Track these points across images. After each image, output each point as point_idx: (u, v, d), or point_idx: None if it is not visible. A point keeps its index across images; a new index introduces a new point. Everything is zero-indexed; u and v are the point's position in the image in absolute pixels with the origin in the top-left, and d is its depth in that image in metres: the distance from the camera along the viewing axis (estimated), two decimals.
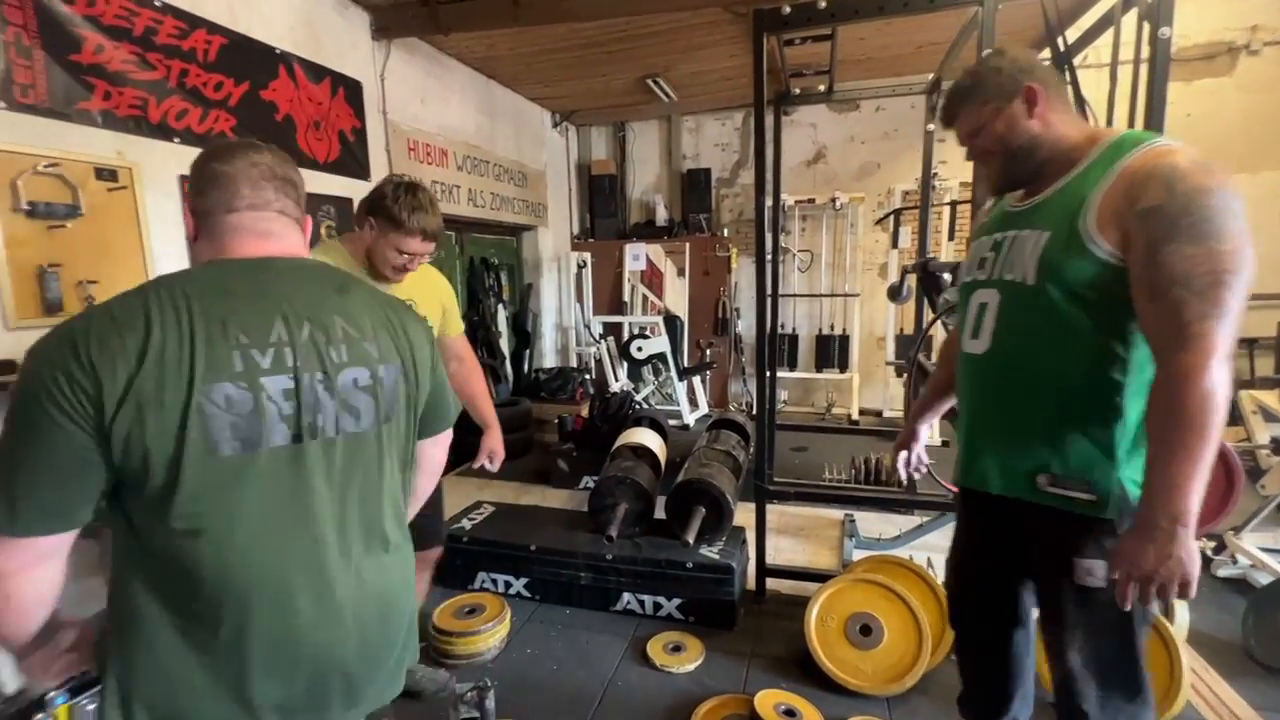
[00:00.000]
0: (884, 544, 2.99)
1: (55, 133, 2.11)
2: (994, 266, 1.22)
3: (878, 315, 5.91)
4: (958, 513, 1.45)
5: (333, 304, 0.89)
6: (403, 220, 1.51)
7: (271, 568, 0.82)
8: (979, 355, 1.24)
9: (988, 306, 1.22)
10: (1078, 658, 1.18)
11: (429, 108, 4.08)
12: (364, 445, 0.90)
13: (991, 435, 1.25)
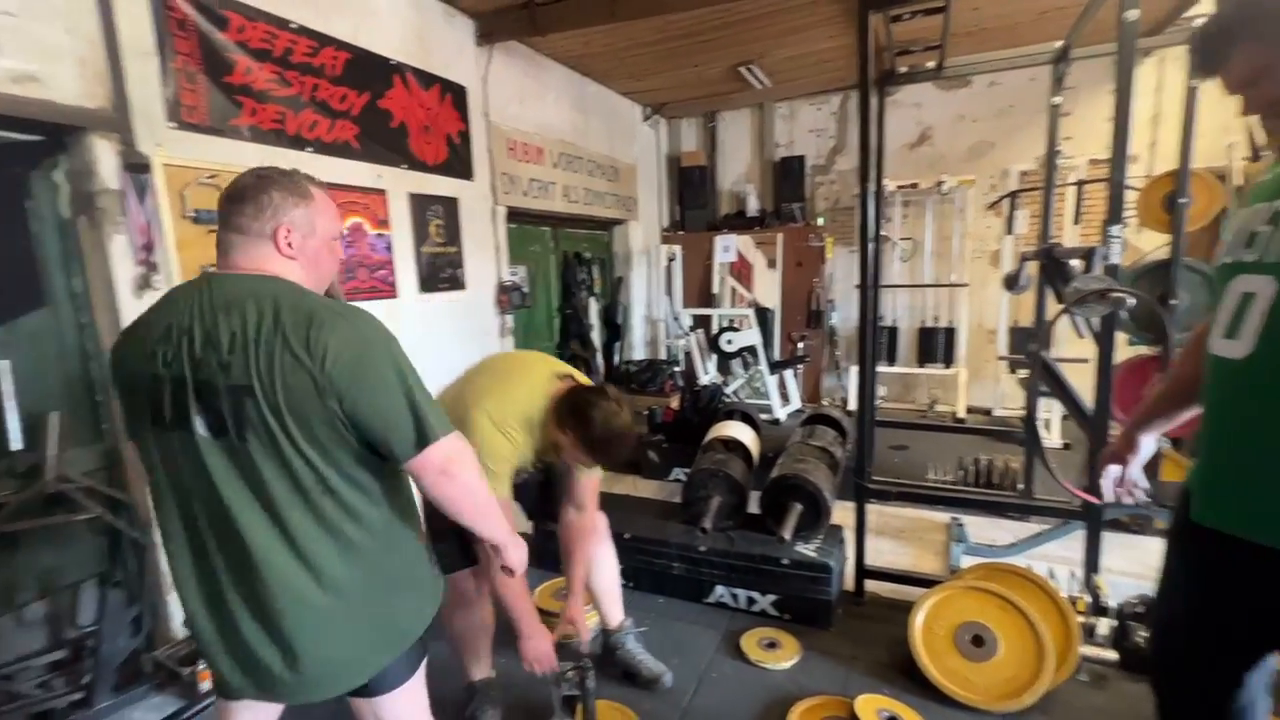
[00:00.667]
0: (996, 551, 2.79)
1: (213, 147, 2.37)
2: (1269, 244, 0.93)
3: (988, 306, 5.50)
4: (1176, 551, 1.16)
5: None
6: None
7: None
8: (1237, 361, 0.96)
9: (1255, 298, 0.94)
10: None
11: (527, 107, 4.22)
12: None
13: (1247, 465, 0.97)
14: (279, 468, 1.02)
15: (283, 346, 0.99)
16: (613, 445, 1.56)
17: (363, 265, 2.99)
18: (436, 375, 3.37)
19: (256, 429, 1.00)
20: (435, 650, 2.32)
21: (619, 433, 1.55)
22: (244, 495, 1.03)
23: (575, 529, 1.86)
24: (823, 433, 3.23)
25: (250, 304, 1.02)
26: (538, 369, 1.71)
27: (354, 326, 1.05)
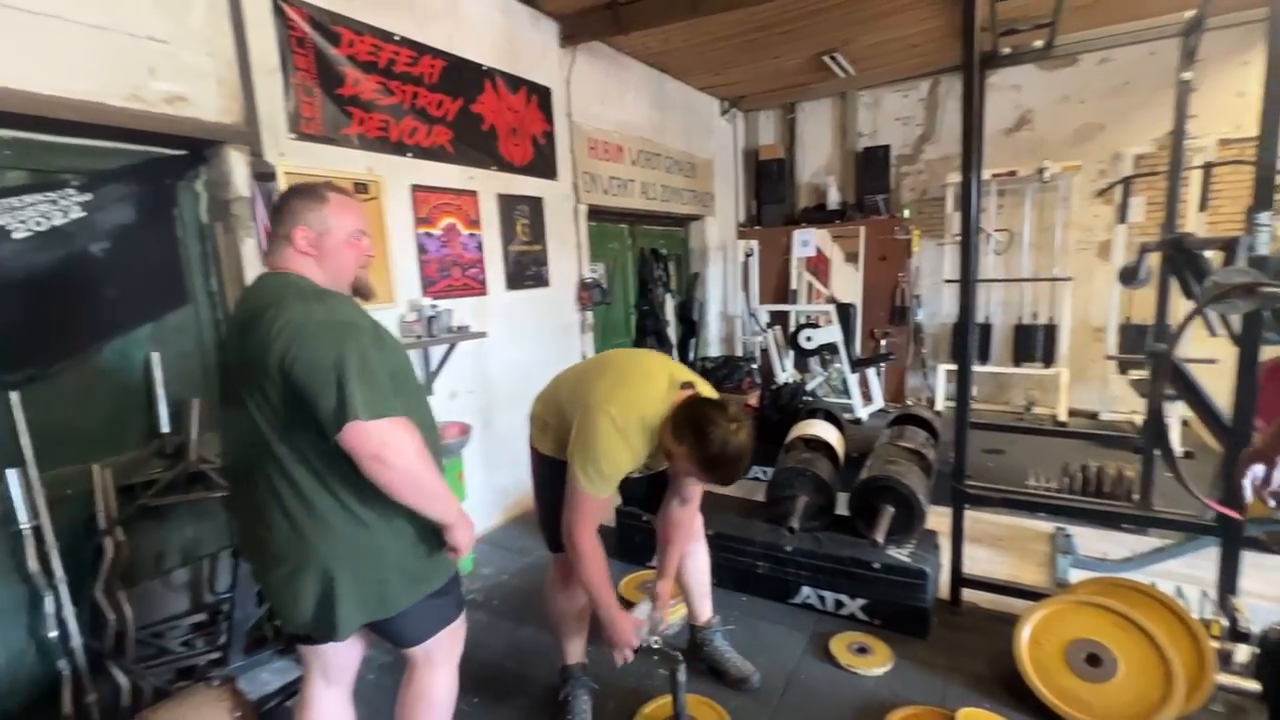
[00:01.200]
0: (1109, 565, 2.59)
1: (326, 156, 2.55)
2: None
3: (1094, 302, 5.10)
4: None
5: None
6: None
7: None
8: None
9: None
10: None
11: (607, 107, 4.28)
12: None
13: None
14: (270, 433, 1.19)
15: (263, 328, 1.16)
16: (726, 466, 1.49)
17: (456, 264, 3.13)
18: (521, 369, 3.51)
19: (254, 398, 1.18)
20: (527, 633, 2.42)
21: (735, 454, 1.48)
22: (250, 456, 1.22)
23: (676, 521, 1.85)
24: (913, 433, 3.11)
25: (265, 296, 1.22)
26: (660, 374, 1.65)
27: (306, 310, 1.17)
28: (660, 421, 1.56)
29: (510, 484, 3.58)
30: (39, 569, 1.87)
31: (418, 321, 2.83)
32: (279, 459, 1.19)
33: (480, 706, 2.03)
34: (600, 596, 1.65)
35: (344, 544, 1.22)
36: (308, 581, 1.22)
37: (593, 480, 1.54)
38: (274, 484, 1.20)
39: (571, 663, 1.97)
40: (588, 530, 1.59)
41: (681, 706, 1.75)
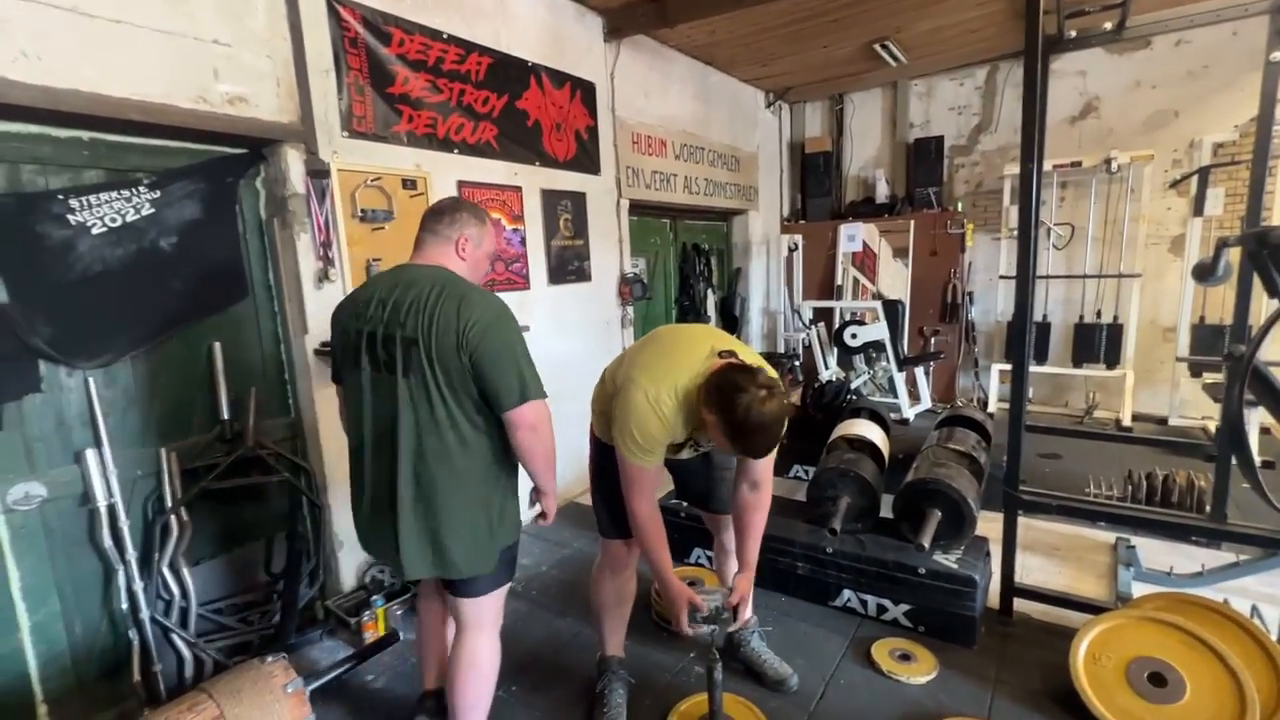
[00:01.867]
0: (1177, 580, 2.45)
1: (377, 153, 2.62)
2: None
3: (1164, 300, 4.82)
4: None
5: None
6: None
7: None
8: None
9: None
10: None
11: (651, 101, 4.26)
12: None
13: None
14: (425, 401, 1.44)
15: (441, 314, 1.41)
16: (752, 435, 1.42)
17: (500, 259, 3.18)
18: (562, 363, 3.54)
19: (415, 370, 1.43)
20: (565, 623, 2.45)
21: (761, 423, 1.40)
22: (402, 418, 1.44)
23: (747, 505, 1.79)
24: (963, 435, 3.00)
25: (426, 284, 1.47)
26: (701, 343, 1.62)
27: (489, 307, 1.46)
28: (695, 390, 1.53)
29: None
30: (112, 544, 1.99)
31: None
32: (457, 426, 1.45)
33: (517, 694, 2.07)
34: (656, 562, 1.69)
35: (492, 495, 1.53)
36: (465, 532, 1.49)
37: (631, 450, 1.59)
38: (448, 446, 1.45)
39: (610, 654, 1.98)
40: (640, 498, 1.64)
41: (718, 705, 1.74)
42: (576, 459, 3.78)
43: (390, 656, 2.29)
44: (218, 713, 1.46)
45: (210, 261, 2.25)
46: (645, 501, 1.65)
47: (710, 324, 5.22)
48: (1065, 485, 3.52)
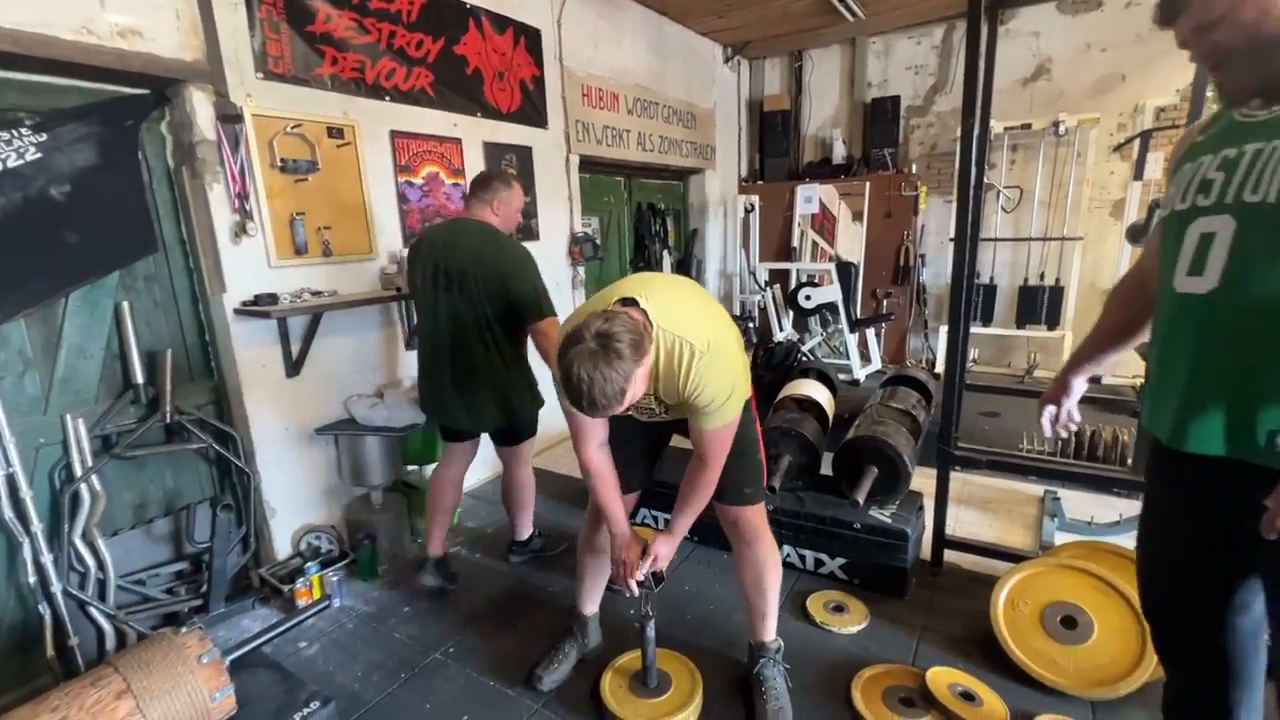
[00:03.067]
0: (1097, 529, 2.57)
1: (298, 98, 2.44)
2: (1226, 189, 1.01)
3: (1104, 263, 4.95)
4: (1153, 482, 1.24)
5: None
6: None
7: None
8: (1201, 295, 1.03)
9: (1216, 237, 1.01)
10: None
11: (602, 51, 4.08)
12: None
13: (1220, 388, 1.04)
14: (470, 312, 2.11)
15: (485, 253, 2.10)
16: (576, 395, 1.24)
17: (440, 215, 3.04)
18: None
19: (466, 290, 2.09)
20: (511, 581, 2.43)
21: (580, 382, 1.21)
22: (453, 324, 2.14)
23: (688, 478, 1.59)
24: (905, 395, 3.06)
25: (474, 232, 2.16)
26: (619, 290, 1.45)
27: (519, 250, 2.15)
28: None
29: None
30: (14, 516, 1.87)
31: (397, 274, 2.76)
32: (491, 329, 2.12)
33: (468, 646, 2.06)
34: (606, 513, 1.66)
35: (510, 377, 2.20)
36: (492, 398, 2.19)
37: (564, 401, 1.49)
38: (485, 342, 2.13)
39: (583, 612, 1.98)
40: (584, 446, 1.59)
41: (650, 661, 1.76)
42: None
43: (325, 622, 2.25)
44: (123, 686, 1.40)
45: (110, 212, 2.07)
46: (589, 448, 1.60)
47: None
48: (1002, 441, 3.64)
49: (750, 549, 1.73)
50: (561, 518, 3.00)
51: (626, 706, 1.73)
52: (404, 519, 2.71)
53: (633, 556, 1.66)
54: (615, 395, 1.23)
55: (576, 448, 1.62)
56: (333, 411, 2.63)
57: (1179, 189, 1.10)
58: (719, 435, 1.49)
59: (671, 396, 1.46)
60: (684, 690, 1.79)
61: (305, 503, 2.60)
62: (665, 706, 1.74)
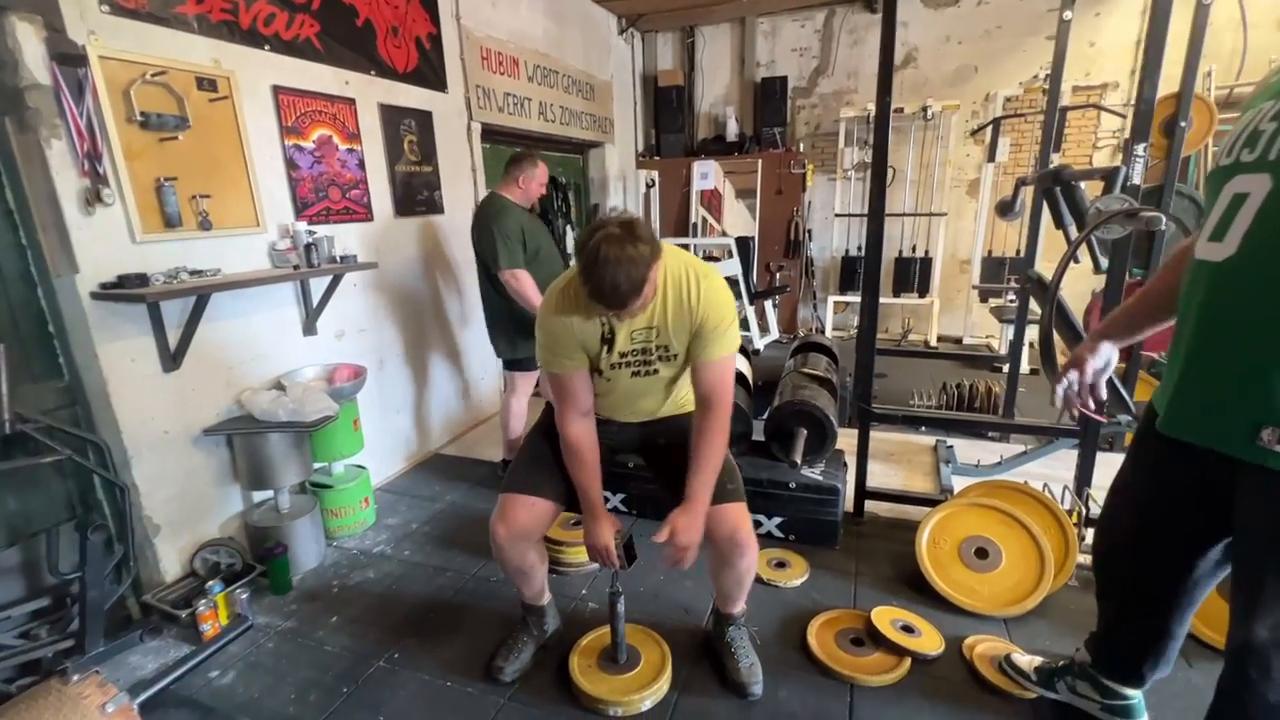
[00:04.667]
0: (984, 470, 2.91)
1: (157, 39, 2.05)
2: (1273, 143, 0.88)
3: (963, 236, 5.57)
4: (1135, 449, 1.27)
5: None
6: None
7: None
8: (1218, 264, 0.95)
9: (1248, 198, 0.91)
10: (1266, 634, 1.01)
11: (500, 12, 3.85)
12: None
13: (1212, 370, 0.99)
14: (480, 263, 2.70)
15: (481, 214, 2.68)
16: (596, 271, 1.25)
17: (335, 184, 2.73)
18: (415, 305, 3.24)
19: (476, 247, 2.69)
20: (446, 579, 2.29)
21: (603, 256, 1.24)
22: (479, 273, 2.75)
23: (697, 429, 1.51)
24: (816, 360, 3.24)
25: (484, 200, 2.73)
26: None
27: (499, 209, 2.64)
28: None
29: (410, 428, 3.34)
30: None
31: (292, 250, 2.45)
32: (488, 278, 2.69)
33: (402, 660, 1.91)
34: (583, 494, 1.61)
35: (497, 318, 2.77)
36: (491, 333, 2.85)
37: (542, 357, 1.56)
38: (484, 289, 2.75)
39: (538, 603, 1.88)
40: (567, 416, 1.58)
41: (620, 638, 1.75)
42: (439, 407, 3.53)
43: (238, 646, 1.99)
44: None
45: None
46: (572, 416, 1.58)
47: (571, 262, 5.06)
48: (893, 399, 4.02)
49: (742, 558, 1.63)
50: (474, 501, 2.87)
51: (601, 685, 1.71)
52: (318, 522, 2.45)
53: (609, 535, 1.61)
54: (638, 281, 1.27)
55: (558, 414, 1.59)
56: (224, 408, 2.30)
57: (1230, 140, 0.97)
58: (726, 365, 1.51)
59: (681, 326, 1.48)
60: (654, 662, 1.80)
61: (196, 515, 2.27)
62: (639, 680, 1.74)
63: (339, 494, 2.58)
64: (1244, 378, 0.95)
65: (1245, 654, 1.04)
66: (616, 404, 1.69)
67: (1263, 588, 1.01)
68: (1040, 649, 1.82)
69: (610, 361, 1.56)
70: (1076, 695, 1.53)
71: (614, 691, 1.69)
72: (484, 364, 3.95)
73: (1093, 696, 1.50)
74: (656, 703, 1.70)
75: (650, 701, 1.69)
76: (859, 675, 1.75)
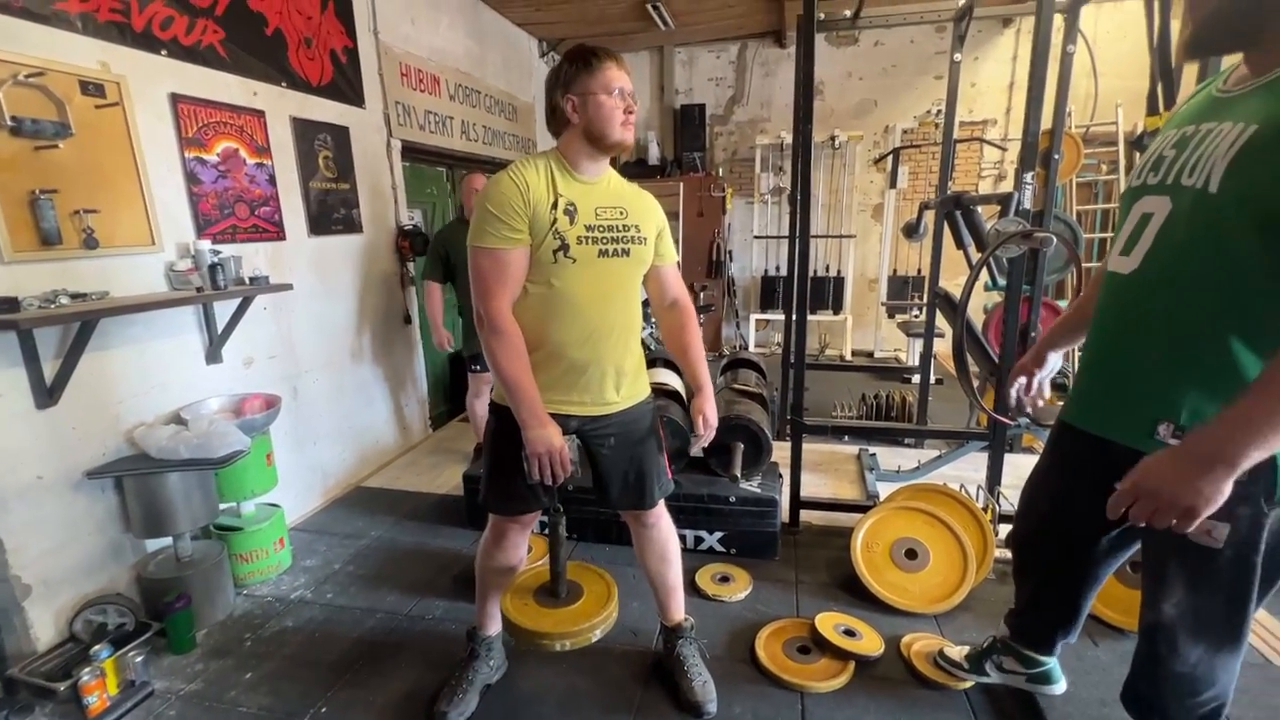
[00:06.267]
0: (905, 475, 3.08)
1: (31, 37, 1.84)
2: (1172, 168, 0.97)
3: (870, 257, 5.95)
4: (1051, 443, 1.37)
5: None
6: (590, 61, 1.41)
7: None
8: (1124, 276, 1.06)
9: (1151, 218, 1.00)
10: (1172, 611, 1.11)
11: (420, 29, 3.76)
12: None
13: (1116, 371, 1.11)
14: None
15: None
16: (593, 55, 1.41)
17: (242, 200, 2.54)
18: (333, 329, 3.07)
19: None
20: (377, 620, 2.14)
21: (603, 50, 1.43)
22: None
23: (678, 327, 1.63)
24: (746, 375, 3.34)
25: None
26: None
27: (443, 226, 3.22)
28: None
29: (330, 459, 3.12)
30: None
31: (194, 271, 2.25)
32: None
33: (330, 713, 1.75)
34: (516, 389, 1.36)
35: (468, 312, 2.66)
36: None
37: (482, 232, 1.33)
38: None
39: (486, 633, 1.78)
40: (496, 296, 1.36)
41: (561, 567, 1.65)
42: (361, 436, 3.32)
43: (136, 718, 1.75)
44: None
45: None
46: (502, 299, 1.36)
47: None
48: (818, 411, 4.19)
49: (655, 529, 1.72)
50: (402, 535, 2.72)
51: (544, 619, 1.59)
52: (225, 568, 2.23)
53: (558, 437, 1.39)
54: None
55: (486, 298, 1.35)
56: (112, 447, 2.06)
57: (1141, 163, 1.06)
58: (679, 273, 1.65)
59: (645, 214, 1.52)
60: (599, 594, 1.71)
61: (78, 570, 1.99)
62: (584, 612, 1.63)
63: (249, 536, 2.35)
64: (1143, 378, 1.05)
65: (1155, 631, 1.15)
66: (580, 313, 1.42)
67: (1166, 570, 1.12)
68: (968, 640, 1.93)
69: (576, 234, 1.37)
70: (1003, 672, 1.66)
71: (559, 624, 1.58)
72: (409, 388, 3.77)
73: (1017, 670, 1.63)
74: (607, 632, 1.60)
75: (600, 631, 1.59)
76: (808, 683, 1.79)
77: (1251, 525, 1.00)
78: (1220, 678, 1.13)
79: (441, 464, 3.55)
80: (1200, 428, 0.92)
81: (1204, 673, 1.12)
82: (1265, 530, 1.00)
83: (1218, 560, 1.03)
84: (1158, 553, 1.15)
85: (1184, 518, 0.90)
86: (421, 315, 3.84)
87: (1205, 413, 0.99)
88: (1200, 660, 1.11)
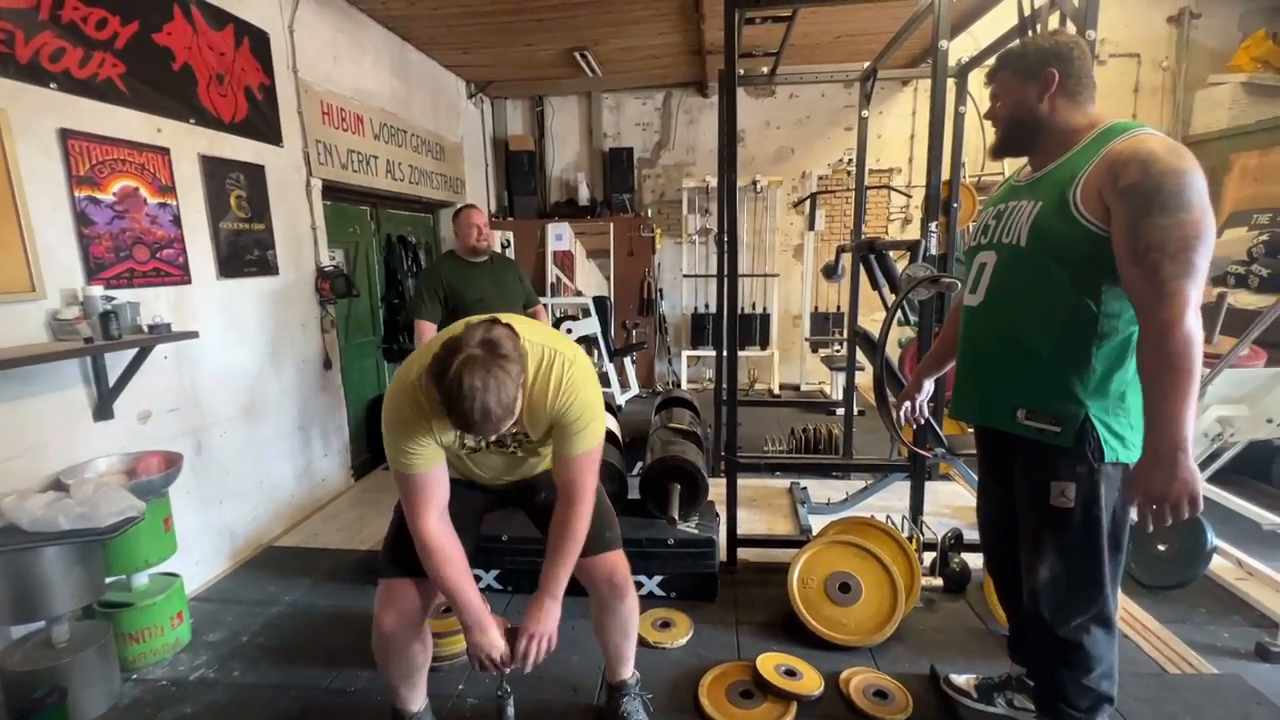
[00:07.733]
0: (834, 508, 3.18)
1: None
2: (995, 232, 1.42)
3: (793, 295, 6.22)
4: (978, 457, 1.65)
5: None
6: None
7: None
8: (974, 307, 1.46)
9: (986, 266, 1.43)
10: (1046, 574, 1.37)
11: (342, 67, 3.69)
12: None
13: (980, 374, 1.48)
14: None
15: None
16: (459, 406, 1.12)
17: (141, 242, 2.36)
18: (244, 377, 2.91)
19: None
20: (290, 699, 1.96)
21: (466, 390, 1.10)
22: None
23: (556, 522, 1.46)
24: (680, 414, 3.37)
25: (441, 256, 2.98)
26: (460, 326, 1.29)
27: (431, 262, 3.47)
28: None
29: (239, 519, 2.88)
30: None
31: (83, 319, 2.05)
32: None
33: None
34: (455, 598, 1.39)
35: None
36: None
37: (392, 456, 1.36)
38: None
39: (409, 710, 1.64)
40: (422, 516, 1.38)
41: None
42: (272, 492, 3.09)
43: None
44: None
45: None
46: (428, 516, 1.38)
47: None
48: (749, 446, 4.27)
49: (623, 602, 1.64)
50: (320, 598, 2.53)
51: None
52: (110, 652, 1.98)
53: (499, 641, 1.44)
54: (509, 405, 1.16)
55: (412, 518, 1.38)
56: None
57: (975, 228, 1.53)
58: (589, 461, 1.42)
59: (539, 419, 1.37)
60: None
61: None
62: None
63: (141, 612, 2.12)
64: (999, 378, 1.43)
65: (1036, 597, 1.39)
66: (483, 474, 1.56)
67: (1040, 540, 1.37)
68: (900, 671, 1.99)
69: (473, 447, 1.45)
70: (1014, 708, 1.73)
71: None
72: (326, 439, 3.56)
73: (1028, 707, 1.70)
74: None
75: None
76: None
77: (1090, 481, 1.30)
78: (1103, 654, 1.37)
79: (365, 516, 3.35)
80: (1148, 437, 1.19)
81: (1086, 643, 1.36)
82: (1102, 486, 1.29)
83: (1072, 520, 1.32)
84: (1032, 526, 1.40)
85: (1192, 502, 1.13)
86: (342, 359, 3.67)
87: (1042, 397, 1.34)
88: (1079, 628, 1.36)
